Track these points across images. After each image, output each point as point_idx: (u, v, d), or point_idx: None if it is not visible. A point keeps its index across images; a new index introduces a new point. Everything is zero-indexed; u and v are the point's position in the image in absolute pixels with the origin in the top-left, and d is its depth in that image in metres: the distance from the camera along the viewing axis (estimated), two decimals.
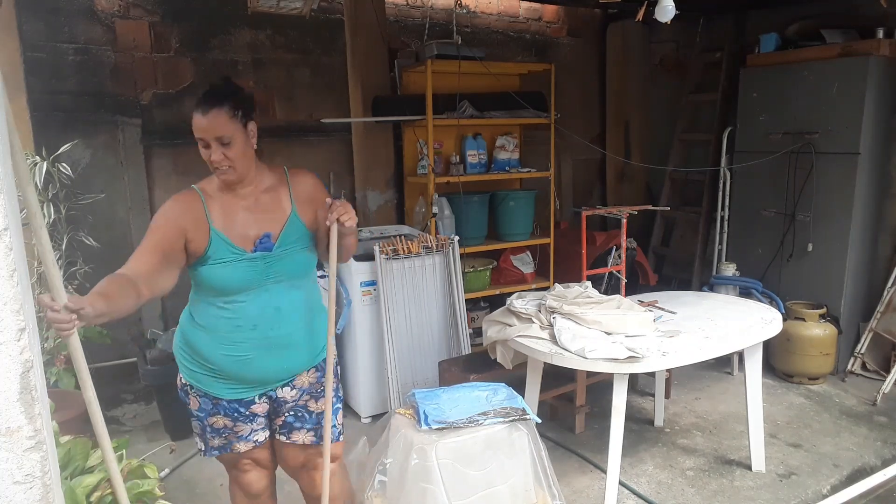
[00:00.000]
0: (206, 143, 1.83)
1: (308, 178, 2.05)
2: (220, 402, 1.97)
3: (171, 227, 1.85)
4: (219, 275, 1.87)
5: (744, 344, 2.87)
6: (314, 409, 2.06)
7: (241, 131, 1.85)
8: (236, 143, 1.83)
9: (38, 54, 3.62)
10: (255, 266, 1.89)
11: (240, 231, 1.91)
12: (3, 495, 1.08)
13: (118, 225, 3.93)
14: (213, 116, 1.81)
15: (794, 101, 4.29)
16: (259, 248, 1.90)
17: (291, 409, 2.04)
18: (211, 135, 1.81)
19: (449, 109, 4.17)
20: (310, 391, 2.05)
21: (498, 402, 2.38)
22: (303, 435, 2.07)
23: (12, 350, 1.05)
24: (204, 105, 1.82)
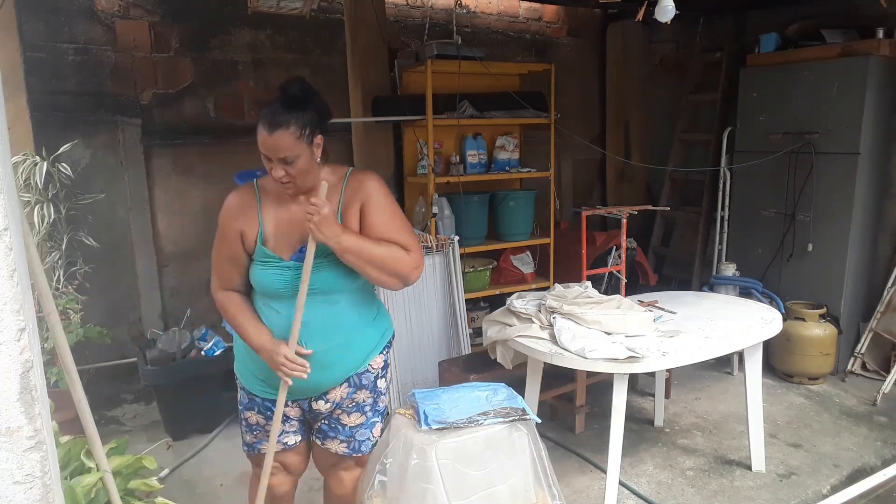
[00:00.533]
0: (268, 157, 1.77)
1: (366, 179, 1.90)
2: (255, 398, 1.98)
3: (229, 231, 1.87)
4: (258, 274, 1.87)
5: (744, 344, 2.87)
6: (347, 423, 2.00)
7: (306, 149, 1.76)
8: (300, 161, 1.76)
9: (38, 54, 3.62)
10: (285, 276, 1.84)
11: (284, 236, 1.86)
12: (3, 495, 1.08)
13: (118, 225, 3.93)
14: (279, 137, 1.71)
15: (794, 101, 4.30)
16: (294, 258, 1.85)
17: (325, 419, 2.01)
18: (275, 155, 1.74)
19: (449, 109, 4.17)
20: (341, 405, 1.98)
21: (498, 402, 2.38)
22: (335, 444, 2.03)
23: (12, 350, 1.05)
24: (270, 123, 1.71)
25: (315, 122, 1.76)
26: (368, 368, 1.98)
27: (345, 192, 1.88)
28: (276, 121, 1.70)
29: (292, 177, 1.77)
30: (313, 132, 1.76)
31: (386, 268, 1.84)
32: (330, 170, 1.90)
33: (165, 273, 4.13)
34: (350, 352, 1.92)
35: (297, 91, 1.76)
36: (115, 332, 3.51)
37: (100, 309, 3.75)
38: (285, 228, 1.86)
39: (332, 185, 1.86)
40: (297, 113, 1.72)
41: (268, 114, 1.72)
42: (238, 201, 1.89)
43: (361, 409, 2.01)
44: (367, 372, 1.99)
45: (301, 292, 1.79)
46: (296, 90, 1.76)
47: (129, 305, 4.04)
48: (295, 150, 1.73)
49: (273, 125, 1.70)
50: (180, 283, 4.18)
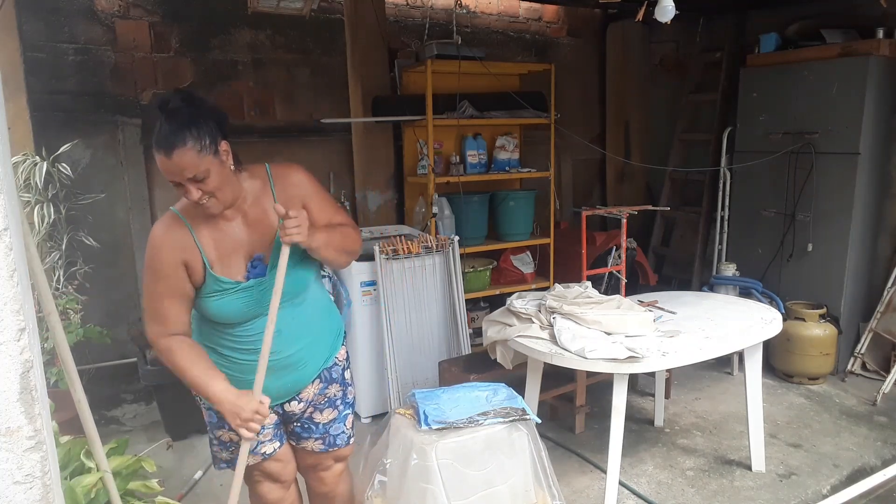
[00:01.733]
0: (176, 182, 1.63)
1: (291, 174, 1.84)
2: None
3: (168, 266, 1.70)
4: (214, 307, 1.74)
5: (744, 344, 2.87)
6: (319, 421, 2.00)
7: (214, 161, 1.63)
8: (212, 175, 1.63)
9: (39, 54, 3.62)
10: (250, 295, 1.75)
11: (229, 257, 1.75)
12: (3, 495, 1.08)
13: (118, 225, 3.93)
14: (179, 157, 1.57)
15: (794, 101, 4.29)
16: (252, 275, 1.75)
17: (298, 420, 1.99)
18: (182, 177, 1.60)
19: (449, 109, 4.17)
20: (314, 403, 1.98)
21: (498, 402, 2.38)
22: (311, 444, 2.03)
23: (12, 350, 1.05)
24: (165, 146, 1.57)
25: (212, 130, 1.63)
26: (336, 361, 2.00)
27: (276, 191, 1.80)
28: (169, 141, 1.57)
29: (210, 193, 1.64)
30: (214, 140, 1.63)
31: (345, 248, 1.86)
32: (248, 173, 1.80)
33: None
34: (318, 348, 1.92)
35: (180, 104, 1.62)
36: (114, 332, 3.50)
37: (100, 309, 3.75)
38: (228, 249, 1.75)
39: (258, 188, 1.78)
40: (189, 127, 1.58)
41: (159, 137, 1.58)
42: (167, 233, 1.73)
43: (333, 403, 2.01)
44: (336, 365, 2.00)
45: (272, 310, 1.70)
46: (178, 103, 1.61)
47: (128, 305, 4.04)
48: (201, 166, 1.60)
49: (168, 147, 1.57)
50: None
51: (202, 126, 1.60)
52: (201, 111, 1.63)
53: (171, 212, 1.77)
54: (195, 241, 1.72)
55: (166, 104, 1.61)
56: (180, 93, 1.65)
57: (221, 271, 1.73)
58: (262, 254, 1.77)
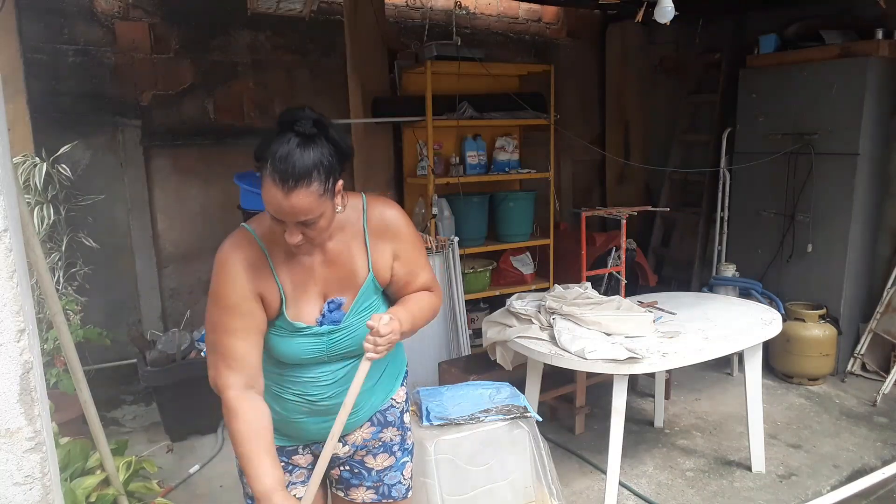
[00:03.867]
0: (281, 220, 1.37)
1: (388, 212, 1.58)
2: None
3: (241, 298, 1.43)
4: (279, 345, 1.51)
5: (744, 345, 2.87)
6: (373, 466, 1.72)
7: (329, 204, 1.38)
8: (322, 220, 1.38)
9: (38, 56, 3.62)
10: (320, 342, 1.51)
11: (303, 295, 1.50)
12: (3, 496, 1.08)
13: (118, 226, 3.93)
14: (299, 198, 1.30)
15: (794, 101, 4.30)
16: (326, 321, 1.50)
17: (345, 463, 1.72)
18: (293, 219, 1.34)
19: (448, 110, 4.18)
20: (366, 447, 1.71)
21: (500, 399, 2.40)
22: (362, 493, 1.73)
23: (12, 351, 1.05)
24: (284, 179, 1.29)
25: (336, 167, 1.37)
26: (392, 403, 1.73)
27: (368, 228, 1.54)
28: (294, 175, 1.29)
29: (311, 238, 1.40)
30: (336, 180, 1.38)
31: (427, 321, 1.64)
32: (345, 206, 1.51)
33: (165, 274, 4.13)
34: (374, 393, 1.66)
35: (310, 127, 1.32)
36: (114, 334, 3.50)
37: (99, 310, 3.75)
38: (302, 286, 1.50)
39: (348, 220, 1.52)
40: (317, 162, 1.31)
41: (281, 164, 1.29)
42: (243, 258, 1.45)
43: (389, 448, 1.73)
44: (392, 407, 1.73)
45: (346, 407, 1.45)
46: (308, 126, 1.32)
47: (128, 307, 4.04)
48: (317, 211, 1.34)
49: (291, 182, 1.29)
50: (180, 285, 4.18)
51: (331, 162, 1.34)
52: (330, 140, 1.35)
53: (244, 230, 1.49)
54: (272, 270, 1.47)
55: (294, 123, 1.32)
56: (312, 114, 1.35)
57: (295, 314, 1.49)
58: (342, 298, 1.52)
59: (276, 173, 1.30)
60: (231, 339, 1.43)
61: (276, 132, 1.34)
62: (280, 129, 1.34)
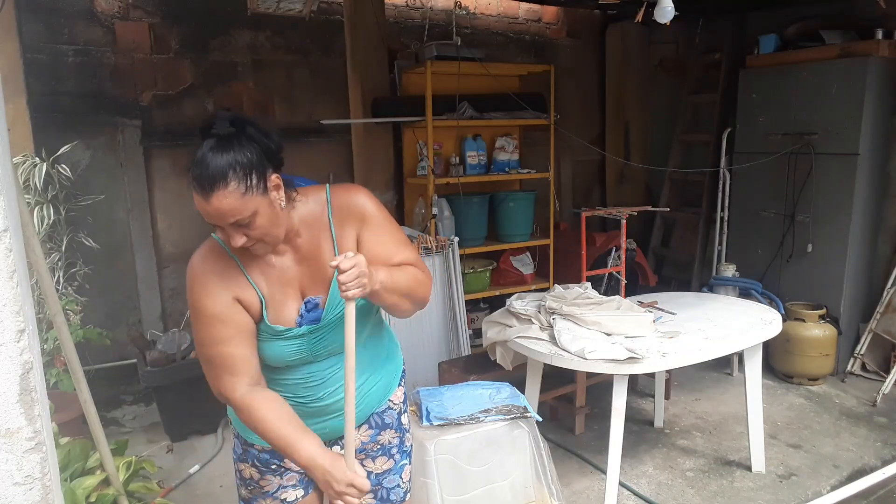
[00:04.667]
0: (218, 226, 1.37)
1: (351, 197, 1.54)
2: (250, 449, 1.63)
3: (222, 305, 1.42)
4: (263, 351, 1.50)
5: (743, 345, 2.87)
6: (372, 470, 1.69)
7: (262, 201, 1.35)
8: (259, 217, 1.35)
9: (38, 56, 3.62)
10: (302, 342, 1.49)
11: (279, 298, 1.48)
12: (3, 497, 1.08)
13: (118, 226, 3.93)
14: (218, 201, 1.30)
15: (794, 101, 4.30)
16: (306, 320, 1.49)
17: None
18: (222, 222, 1.34)
19: (448, 110, 4.18)
20: (364, 451, 1.68)
21: (500, 400, 2.40)
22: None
23: (12, 351, 1.05)
24: (201, 186, 1.30)
25: (262, 163, 1.35)
26: (389, 405, 1.71)
27: (333, 219, 1.52)
28: (208, 182, 1.29)
29: (258, 238, 1.38)
30: (263, 176, 1.35)
31: (412, 295, 1.55)
32: (303, 197, 1.50)
33: (165, 274, 4.13)
34: (370, 391, 1.65)
35: (228, 129, 1.33)
36: (114, 334, 3.51)
37: (99, 310, 3.75)
38: (279, 287, 1.49)
39: (313, 215, 1.51)
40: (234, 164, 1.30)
41: (197, 173, 1.30)
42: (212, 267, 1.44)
43: (388, 451, 1.71)
44: (389, 409, 1.71)
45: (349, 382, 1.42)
46: (224, 127, 1.33)
47: (128, 307, 4.04)
48: (247, 209, 1.32)
49: (207, 188, 1.29)
50: (180, 285, 4.18)
51: (250, 159, 1.32)
52: (250, 138, 1.35)
53: (212, 240, 1.48)
54: (246, 276, 1.46)
55: (210, 128, 1.34)
56: (229, 114, 1.36)
57: (274, 317, 1.48)
58: (318, 297, 1.50)
59: (193, 181, 1.31)
60: (225, 348, 1.42)
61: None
62: (200, 135, 1.35)
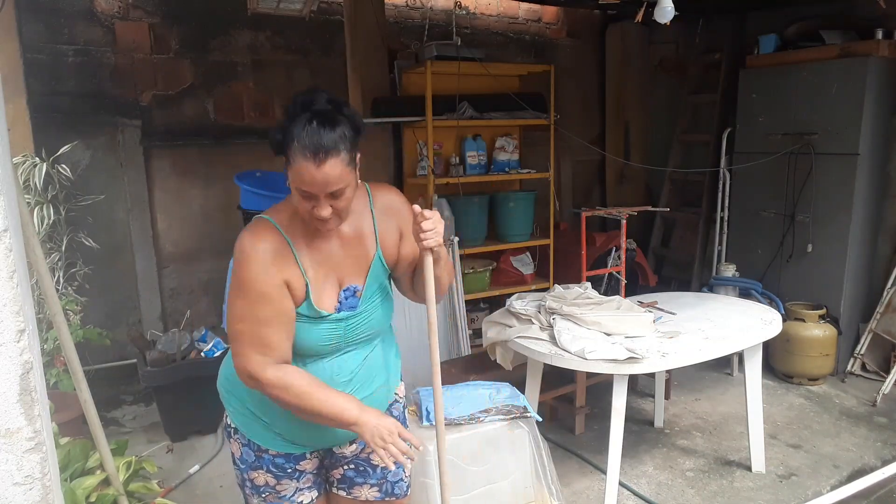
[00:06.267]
0: (312, 195, 1.38)
1: (391, 196, 1.61)
2: (264, 455, 1.62)
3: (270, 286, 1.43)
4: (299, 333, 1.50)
5: (743, 345, 2.87)
6: (378, 463, 1.67)
7: (354, 175, 1.42)
8: (349, 190, 1.42)
9: (38, 56, 3.62)
10: (336, 329, 1.51)
11: (322, 283, 1.51)
12: (3, 496, 1.08)
13: (118, 226, 3.93)
14: (331, 168, 1.34)
15: (794, 101, 4.30)
16: (344, 307, 1.52)
17: (351, 462, 1.70)
18: (324, 190, 1.37)
19: (448, 110, 4.18)
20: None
21: (500, 400, 2.40)
22: (366, 491, 1.71)
23: (12, 351, 1.05)
24: (316, 151, 1.33)
25: (355, 140, 1.42)
26: (396, 398, 1.77)
27: (375, 211, 1.58)
28: (323, 147, 1.33)
29: (341, 209, 1.43)
30: (357, 151, 1.43)
31: (449, 273, 1.64)
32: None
33: (165, 274, 4.13)
34: (388, 389, 1.71)
35: (326, 105, 1.38)
36: (114, 334, 3.50)
37: (99, 310, 3.75)
38: (322, 273, 1.51)
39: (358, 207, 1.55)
40: (341, 133, 1.37)
41: (308, 141, 1.33)
42: (268, 247, 1.45)
43: None
44: (396, 402, 1.77)
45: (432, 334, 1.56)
46: (324, 105, 1.38)
47: (128, 307, 4.04)
48: (346, 179, 1.39)
49: (322, 154, 1.33)
50: (180, 285, 4.18)
51: (351, 135, 1.39)
52: (346, 115, 1.40)
53: (264, 220, 1.49)
54: (296, 258, 1.48)
55: (311, 104, 1.37)
56: (324, 92, 1.41)
57: (317, 299, 1.50)
58: (357, 285, 1.55)
59: (306, 149, 1.34)
60: (264, 328, 1.43)
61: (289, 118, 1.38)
62: (295, 111, 1.38)
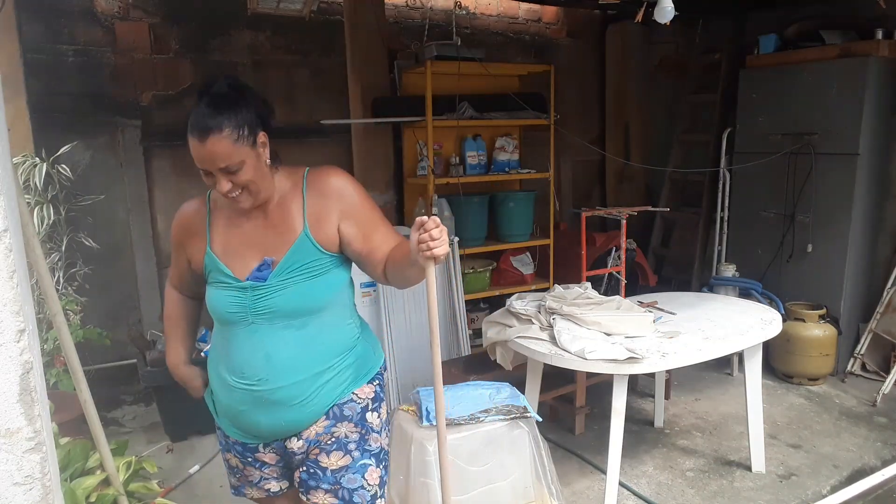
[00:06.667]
0: (207, 171, 1.51)
1: (329, 178, 1.64)
2: (228, 440, 1.72)
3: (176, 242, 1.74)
4: (211, 297, 1.64)
5: (743, 345, 2.87)
6: (327, 466, 1.62)
7: (249, 153, 1.50)
8: (246, 168, 1.50)
9: (38, 56, 3.62)
10: (242, 297, 1.57)
11: (239, 253, 1.61)
12: (3, 497, 1.08)
13: (118, 226, 3.93)
14: (214, 144, 1.45)
15: (794, 101, 4.30)
16: (252, 276, 1.57)
17: (302, 462, 1.66)
18: (213, 166, 1.48)
19: (448, 110, 4.18)
20: (318, 443, 1.62)
21: (500, 400, 2.40)
22: (320, 496, 1.63)
23: (12, 351, 1.05)
24: (200, 129, 1.45)
25: (253, 120, 1.51)
26: (352, 398, 1.65)
27: (307, 197, 1.61)
28: (205, 125, 1.45)
29: (242, 187, 1.52)
30: (253, 131, 1.50)
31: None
32: (283, 173, 1.64)
33: (165, 274, 4.11)
34: (330, 382, 1.61)
35: (224, 89, 1.51)
36: (114, 334, 3.50)
37: (99, 310, 3.75)
38: (238, 246, 1.62)
39: (287, 189, 1.63)
40: (229, 113, 1.46)
41: (195, 120, 1.46)
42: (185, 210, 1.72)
43: (344, 446, 1.63)
44: (352, 402, 1.65)
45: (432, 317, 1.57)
46: (223, 88, 1.51)
47: (128, 307, 4.04)
48: (236, 156, 1.47)
49: (203, 131, 1.45)
50: None
51: (242, 113, 1.49)
52: (245, 98, 1.52)
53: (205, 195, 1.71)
54: (206, 227, 1.65)
55: (210, 87, 1.51)
56: (228, 78, 1.55)
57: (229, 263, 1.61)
58: (272, 258, 1.58)
59: (191, 127, 1.47)
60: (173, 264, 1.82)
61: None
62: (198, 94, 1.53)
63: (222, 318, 1.62)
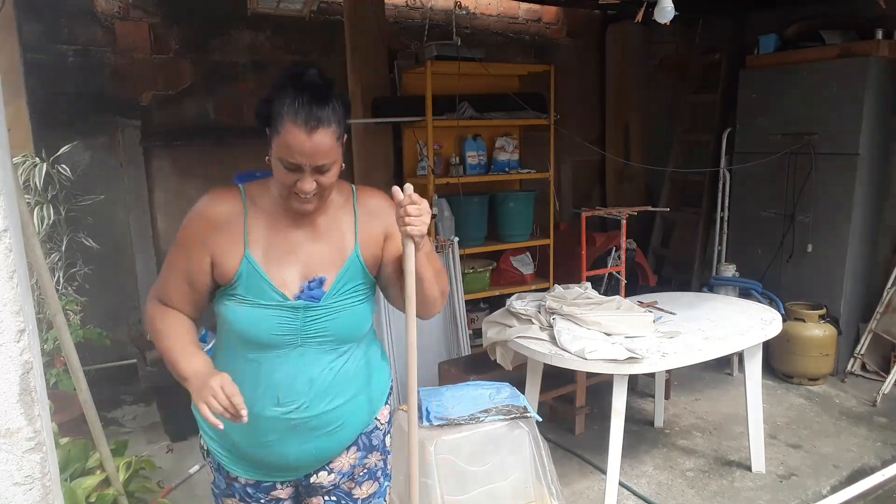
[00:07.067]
0: (298, 167, 1.33)
1: (376, 198, 1.53)
2: (234, 483, 1.54)
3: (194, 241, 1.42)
4: (246, 317, 1.40)
5: (743, 345, 2.87)
6: (359, 496, 1.58)
7: (340, 152, 1.39)
8: (335, 167, 1.38)
9: (38, 56, 3.62)
10: (293, 319, 1.40)
11: (284, 267, 1.42)
12: (3, 497, 1.08)
13: (118, 226, 3.93)
14: (321, 138, 1.31)
15: (794, 101, 4.30)
16: (304, 296, 1.41)
17: (330, 493, 1.57)
18: (313, 162, 1.32)
19: (448, 110, 4.17)
20: (352, 475, 1.57)
21: (500, 400, 2.40)
22: None
23: (12, 351, 1.05)
24: (308, 120, 1.29)
25: (344, 119, 1.38)
26: (377, 425, 1.61)
27: (358, 208, 1.50)
28: (316, 116, 1.30)
29: (323, 189, 1.38)
30: (345, 130, 1.39)
31: (441, 278, 1.55)
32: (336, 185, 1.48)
33: None
34: (360, 407, 1.55)
35: (317, 79, 1.36)
36: (114, 334, 3.50)
37: (99, 310, 3.75)
38: (280, 257, 1.42)
39: (339, 202, 1.50)
40: (331, 107, 1.33)
41: (300, 110, 1.29)
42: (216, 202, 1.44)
43: (374, 475, 1.61)
44: (377, 429, 1.61)
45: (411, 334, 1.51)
46: (315, 78, 1.36)
47: (128, 307, 4.04)
48: (332, 154, 1.34)
49: (314, 122, 1.29)
50: None
51: (338, 110, 1.35)
52: (335, 94, 1.37)
53: (236, 186, 1.47)
54: (244, 228, 1.41)
55: (301, 76, 1.36)
56: (314, 67, 1.39)
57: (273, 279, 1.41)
58: (325, 276, 1.43)
59: (298, 116, 1.29)
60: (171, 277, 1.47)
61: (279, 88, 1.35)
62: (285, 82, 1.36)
63: (262, 342, 1.41)
